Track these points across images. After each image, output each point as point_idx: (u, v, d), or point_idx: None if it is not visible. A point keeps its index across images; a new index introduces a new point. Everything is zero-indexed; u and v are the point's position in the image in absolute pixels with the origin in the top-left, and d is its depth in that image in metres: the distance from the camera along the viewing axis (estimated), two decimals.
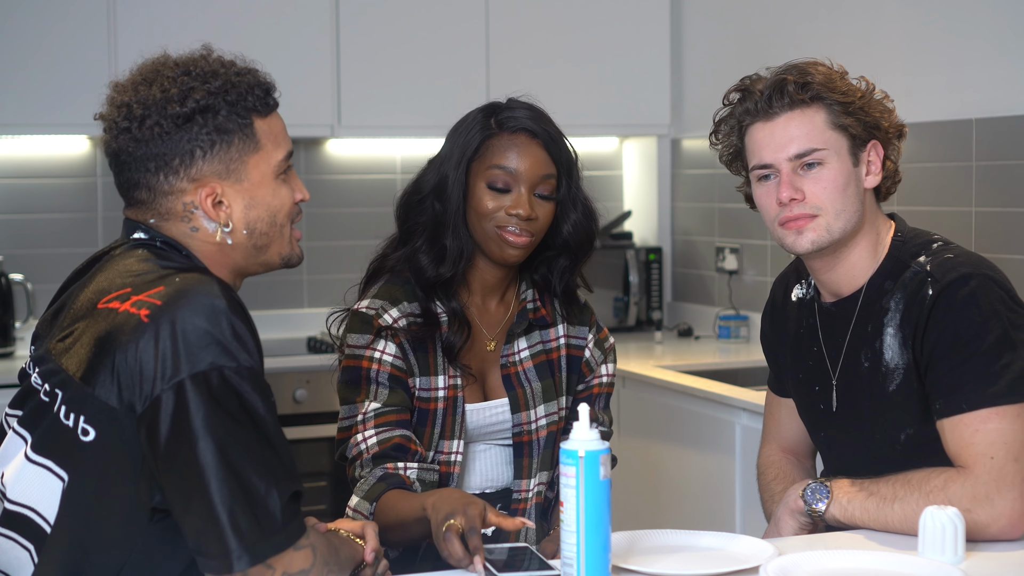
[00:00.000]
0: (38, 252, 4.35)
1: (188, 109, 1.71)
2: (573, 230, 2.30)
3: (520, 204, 2.21)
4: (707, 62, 4.67)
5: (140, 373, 1.60)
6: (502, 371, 2.31)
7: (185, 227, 1.76)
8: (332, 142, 4.65)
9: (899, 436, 2.08)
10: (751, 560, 1.85)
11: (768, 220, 2.13)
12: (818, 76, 2.08)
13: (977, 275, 2.02)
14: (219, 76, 1.74)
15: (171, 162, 1.72)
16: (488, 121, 2.27)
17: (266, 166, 1.77)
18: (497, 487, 2.31)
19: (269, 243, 1.79)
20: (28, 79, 4.04)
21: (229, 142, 1.74)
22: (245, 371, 1.62)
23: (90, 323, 1.67)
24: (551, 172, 2.26)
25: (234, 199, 1.75)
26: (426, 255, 2.25)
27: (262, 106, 1.77)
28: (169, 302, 1.63)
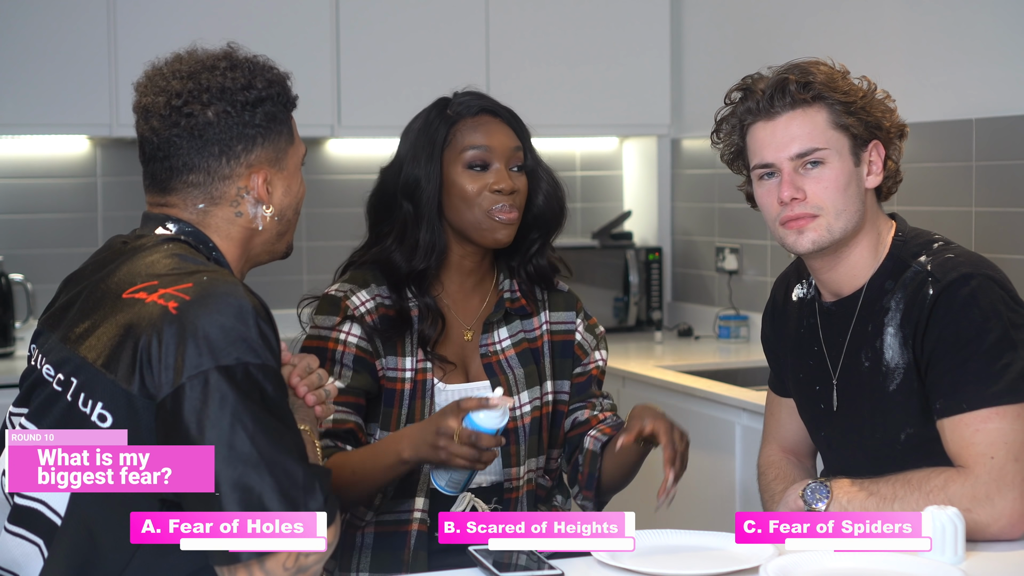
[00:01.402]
0: (38, 252, 4.35)
1: (252, 97, 1.80)
2: (546, 200, 2.34)
3: (502, 179, 2.26)
4: (707, 62, 4.67)
5: (163, 362, 1.62)
6: (483, 360, 2.32)
7: (231, 212, 1.82)
8: (332, 142, 4.65)
9: (899, 436, 2.08)
10: (751, 560, 1.85)
11: (769, 219, 2.13)
12: (820, 76, 2.08)
13: (978, 275, 2.02)
14: (269, 69, 1.84)
15: (235, 147, 1.80)
16: (446, 112, 2.33)
17: (296, 157, 1.87)
18: (489, 480, 2.30)
19: (288, 230, 1.89)
20: (28, 79, 4.04)
21: (279, 131, 1.83)
22: (270, 370, 1.66)
23: (112, 311, 1.69)
24: (518, 144, 2.31)
25: (276, 186, 1.84)
26: (398, 252, 2.29)
27: (294, 102, 1.88)
28: (198, 298, 1.66)
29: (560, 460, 2.41)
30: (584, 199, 5.01)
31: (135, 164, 1.87)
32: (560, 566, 1.87)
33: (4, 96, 4.03)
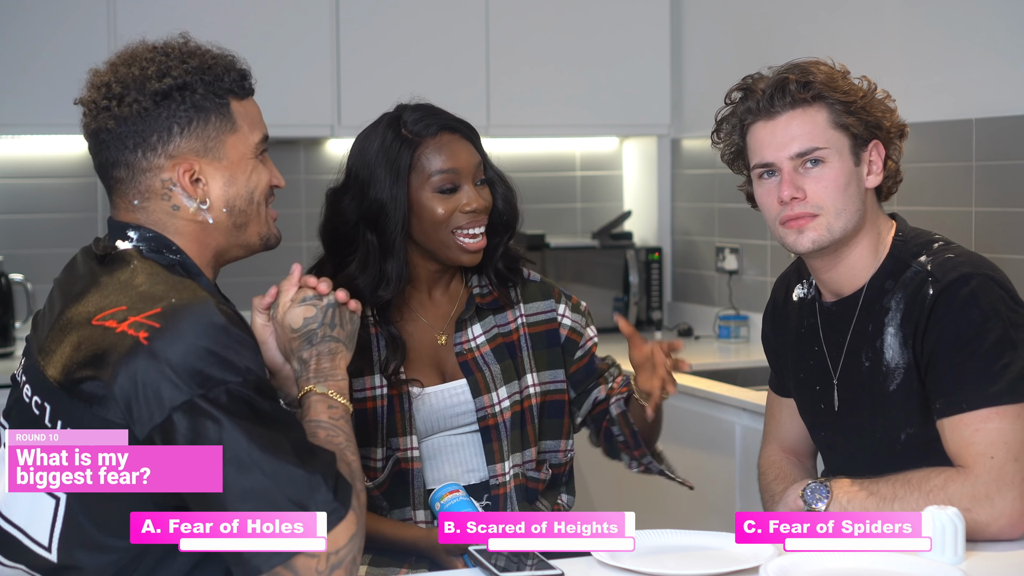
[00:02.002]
0: (38, 252, 4.35)
1: (166, 86, 1.74)
2: (504, 203, 2.33)
3: (473, 199, 2.25)
4: (707, 62, 4.67)
5: (143, 396, 1.61)
6: (458, 358, 2.31)
7: (166, 206, 1.77)
8: (332, 142, 4.65)
9: (899, 436, 2.08)
10: (751, 560, 1.85)
11: (769, 219, 2.13)
12: (820, 75, 2.08)
13: (978, 275, 2.02)
14: (196, 56, 1.78)
15: (149, 139, 1.75)
16: (402, 133, 2.27)
17: (244, 147, 1.80)
18: (475, 479, 2.31)
19: (247, 222, 1.81)
20: (28, 79, 4.04)
21: (206, 120, 1.76)
22: (251, 383, 1.64)
23: (82, 337, 1.66)
24: (479, 159, 2.31)
25: (212, 176, 1.78)
26: (362, 279, 2.26)
27: (238, 88, 1.80)
28: (168, 325, 1.63)
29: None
30: (584, 199, 5.01)
31: None
32: (560, 566, 1.86)
33: (4, 96, 4.03)
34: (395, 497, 2.25)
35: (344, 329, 1.87)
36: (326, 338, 1.85)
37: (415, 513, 2.25)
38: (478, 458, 2.31)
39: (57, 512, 1.67)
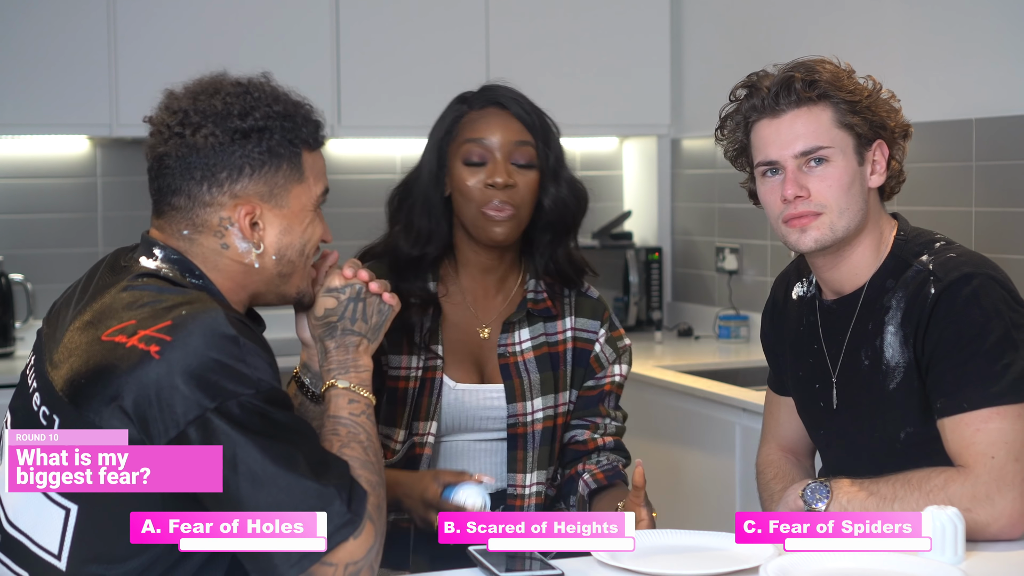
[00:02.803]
0: (38, 252, 4.35)
1: (247, 125, 1.73)
2: (552, 204, 2.28)
3: (496, 172, 2.21)
4: (707, 62, 4.67)
5: (156, 410, 1.60)
6: (500, 360, 2.28)
7: (216, 242, 1.76)
8: (332, 142, 4.65)
9: (899, 435, 2.08)
10: (751, 560, 1.85)
11: (772, 217, 2.13)
12: (825, 74, 2.08)
13: (979, 274, 2.02)
14: (280, 101, 1.77)
15: (218, 174, 1.73)
16: (459, 105, 2.30)
17: (307, 198, 1.80)
18: (495, 486, 2.29)
19: (293, 272, 1.81)
20: (28, 79, 4.04)
21: (278, 166, 1.76)
22: (263, 394, 1.64)
23: (92, 353, 1.65)
24: (526, 139, 2.25)
25: (270, 222, 1.77)
26: (403, 238, 2.27)
27: (312, 140, 1.80)
28: (178, 338, 1.62)
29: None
30: None
31: (135, 164, 1.86)
32: (560, 566, 1.86)
33: (4, 96, 4.03)
34: None
35: (368, 322, 1.87)
36: (346, 331, 1.86)
37: None
38: (500, 466, 2.30)
39: (67, 523, 1.66)
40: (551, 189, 2.27)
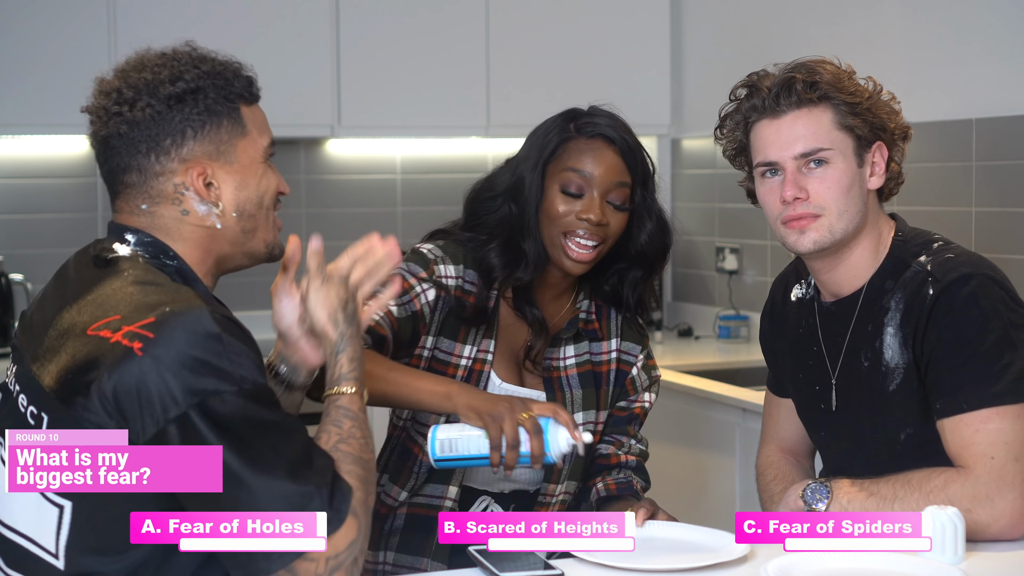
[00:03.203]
0: (38, 252, 4.35)
1: (179, 90, 1.74)
2: (649, 240, 2.27)
3: (591, 209, 2.19)
4: (707, 62, 4.67)
5: (138, 407, 1.60)
6: (543, 373, 2.29)
7: (176, 210, 1.76)
8: (332, 142, 4.65)
9: (899, 436, 2.08)
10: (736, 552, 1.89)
11: (771, 218, 2.13)
12: (826, 75, 2.08)
13: (978, 275, 2.02)
14: (207, 62, 1.78)
15: (162, 142, 1.74)
16: (567, 125, 2.26)
17: (254, 150, 1.80)
18: (523, 486, 2.29)
19: (256, 227, 1.80)
20: (28, 79, 4.04)
21: (218, 124, 1.76)
22: (247, 391, 1.63)
23: (78, 348, 1.65)
24: (625, 180, 2.23)
25: (224, 180, 1.77)
26: (498, 256, 2.23)
27: (247, 94, 1.80)
28: (162, 334, 1.62)
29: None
30: None
31: None
32: (560, 566, 1.86)
33: (4, 96, 4.03)
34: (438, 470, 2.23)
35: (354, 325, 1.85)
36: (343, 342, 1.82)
37: (448, 489, 2.24)
38: (537, 473, 2.28)
39: (62, 520, 1.66)
40: (646, 225, 2.27)
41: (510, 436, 1.94)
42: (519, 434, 1.95)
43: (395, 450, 2.28)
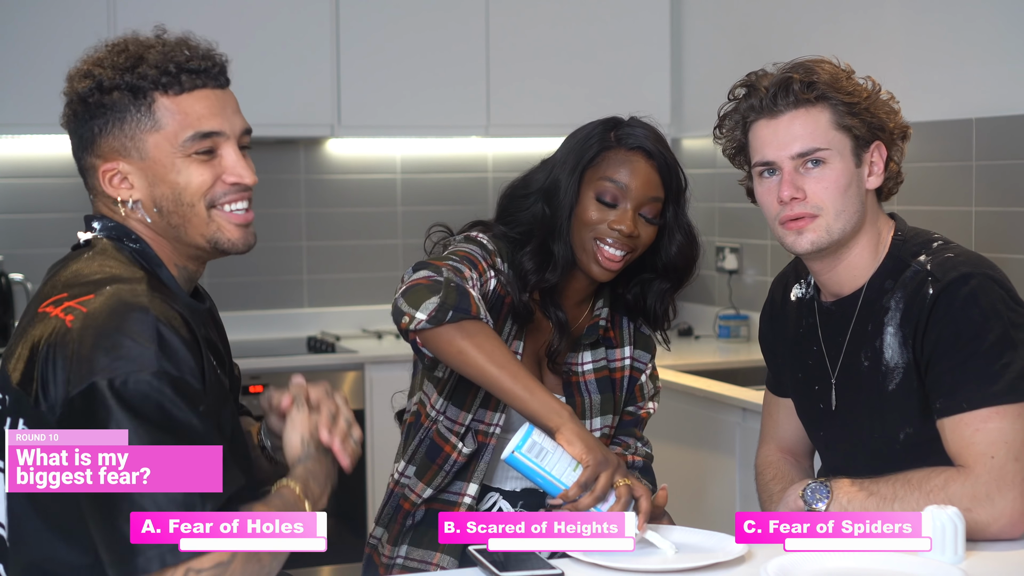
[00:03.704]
0: (38, 252, 4.35)
1: (86, 87, 1.73)
2: (678, 253, 2.30)
3: (624, 220, 2.20)
4: (707, 62, 4.67)
5: (57, 377, 1.60)
6: (563, 377, 2.31)
7: (109, 203, 1.78)
8: (332, 142, 4.65)
9: (899, 435, 2.08)
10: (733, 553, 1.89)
11: (769, 218, 2.14)
12: (824, 75, 2.08)
13: (977, 274, 2.02)
14: (125, 53, 1.75)
15: (84, 138, 1.76)
16: (607, 134, 2.28)
17: (168, 145, 1.73)
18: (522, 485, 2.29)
19: (183, 223, 1.75)
20: (28, 79, 4.04)
21: (122, 119, 1.73)
22: (167, 377, 1.60)
23: (29, 328, 1.67)
24: (659, 196, 2.25)
25: (136, 176, 1.75)
26: (531, 260, 2.24)
27: (169, 83, 1.74)
28: (95, 310, 1.62)
29: None
30: None
31: None
32: (560, 566, 1.86)
33: (4, 96, 4.03)
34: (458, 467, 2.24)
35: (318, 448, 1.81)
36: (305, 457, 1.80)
37: (467, 486, 2.24)
38: None
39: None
40: (676, 237, 2.30)
41: (601, 487, 1.94)
42: (609, 492, 1.95)
43: (423, 444, 2.27)
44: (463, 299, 2.00)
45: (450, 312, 1.98)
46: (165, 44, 1.78)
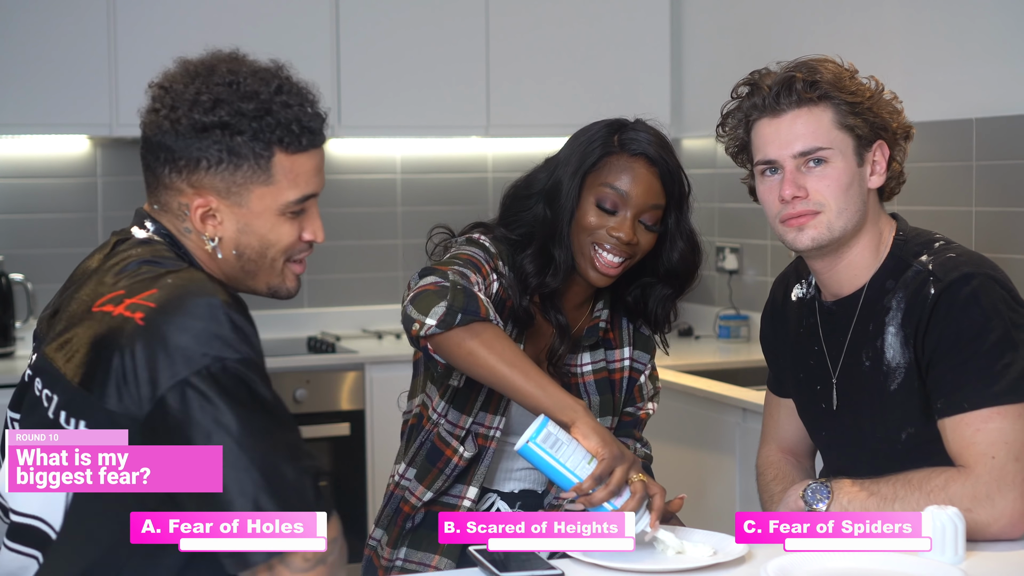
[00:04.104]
0: (38, 252, 4.35)
1: (209, 120, 1.69)
2: (680, 259, 2.28)
3: (623, 227, 2.18)
4: (707, 62, 4.67)
5: (139, 377, 1.59)
6: (563, 379, 2.28)
7: (179, 224, 1.75)
8: (332, 142, 4.65)
9: (900, 435, 2.08)
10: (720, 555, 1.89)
11: (770, 216, 2.14)
12: (827, 75, 2.08)
13: (979, 274, 2.02)
14: (258, 99, 1.71)
15: (178, 161, 1.72)
16: (611, 138, 2.25)
17: (271, 200, 1.73)
18: (532, 486, 2.30)
19: (257, 271, 1.77)
20: (28, 79, 4.04)
21: (237, 165, 1.70)
22: (250, 363, 1.61)
23: (86, 327, 1.66)
24: (660, 203, 2.23)
25: (228, 218, 1.73)
26: (532, 263, 2.22)
27: (292, 141, 1.72)
28: (163, 304, 1.61)
29: None
30: None
31: (135, 164, 1.85)
32: (560, 566, 1.86)
33: (4, 96, 4.03)
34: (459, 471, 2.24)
35: None
36: None
37: (467, 489, 2.24)
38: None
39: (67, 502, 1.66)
40: (678, 244, 2.27)
41: (616, 481, 1.91)
42: (623, 487, 1.93)
43: (424, 447, 2.26)
44: (471, 301, 1.99)
45: (459, 315, 1.97)
46: (285, 91, 1.73)
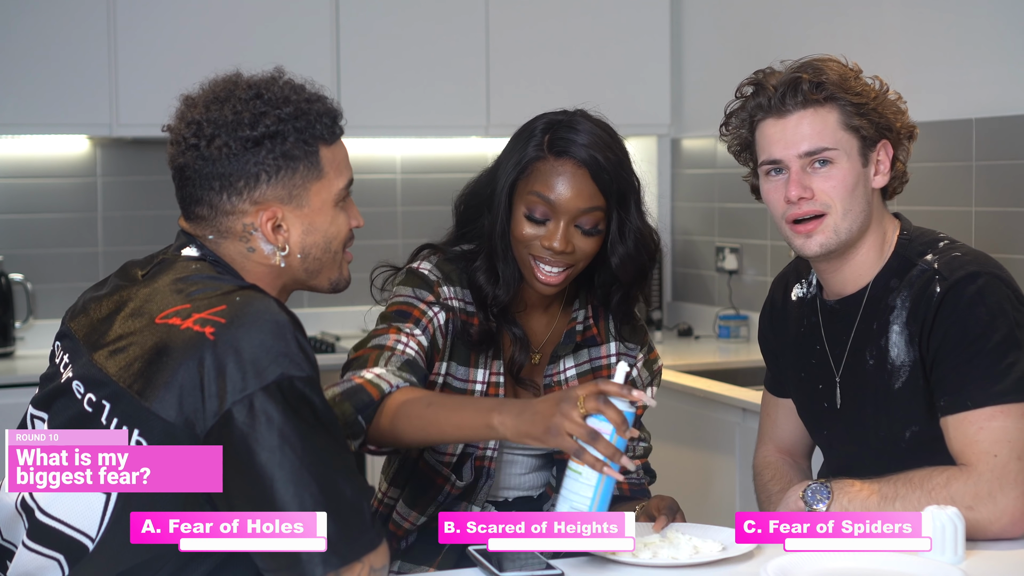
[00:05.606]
0: (38, 252, 4.35)
1: (258, 133, 1.73)
2: (621, 264, 2.17)
3: (554, 237, 2.09)
4: (707, 62, 4.67)
5: (206, 390, 1.61)
6: (546, 389, 2.25)
7: (242, 247, 1.77)
8: None
9: (904, 433, 2.08)
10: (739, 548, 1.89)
11: (776, 216, 2.14)
12: (833, 76, 2.08)
13: (984, 273, 2.02)
14: (290, 103, 1.76)
15: (236, 183, 1.74)
16: (543, 138, 2.13)
17: (327, 193, 1.79)
18: (527, 492, 2.29)
19: (321, 268, 1.82)
20: (28, 79, 4.04)
21: (294, 168, 1.76)
22: (314, 383, 1.64)
23: (146, 336, 1.67)
24: (596, 205, 2.11)
25: (293, 224, 1.77)
26: (483, 274, 2.17)
27: (328, 134, 1.79)
28: (233, 320, 1.63)
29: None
30: None
31: (135, 164, 1.86)
32: (560, 566, 1.86)
33: (4, 96, 4.03)
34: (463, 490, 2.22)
35: None
36: None
37: (470, 507, 2.23)
38: (534, 475, 2.28)
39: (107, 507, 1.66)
40: (618, 249, 2.17)
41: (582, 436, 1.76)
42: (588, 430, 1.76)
43: (414, 476, 2.23)
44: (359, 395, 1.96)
45: (359, 417, 1.96)
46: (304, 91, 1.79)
